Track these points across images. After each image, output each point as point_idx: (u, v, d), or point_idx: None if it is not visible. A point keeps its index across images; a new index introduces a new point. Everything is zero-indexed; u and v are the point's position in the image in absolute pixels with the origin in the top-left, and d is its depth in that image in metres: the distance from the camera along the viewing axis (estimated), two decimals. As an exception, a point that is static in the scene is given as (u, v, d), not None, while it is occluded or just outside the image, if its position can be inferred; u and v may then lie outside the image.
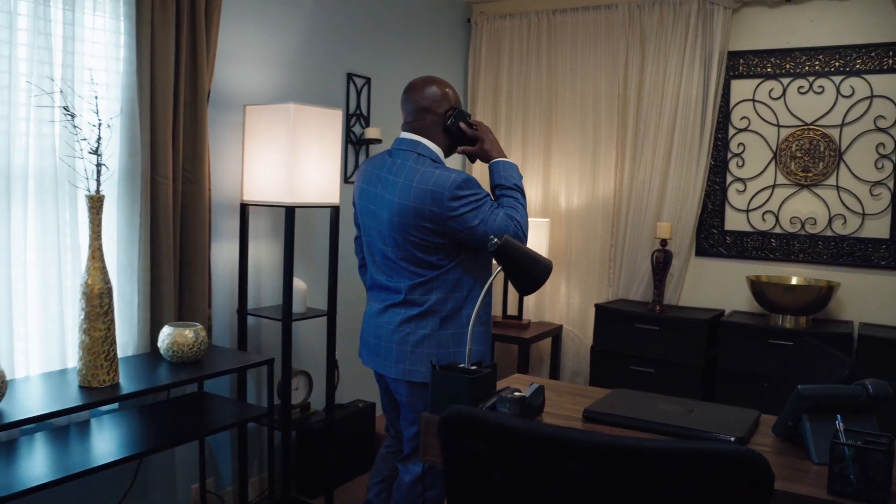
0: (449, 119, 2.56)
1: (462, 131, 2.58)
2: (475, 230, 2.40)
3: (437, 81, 2.59)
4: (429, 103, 2.55)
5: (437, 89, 2.56)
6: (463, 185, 2.38)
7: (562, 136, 4.86)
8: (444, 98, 2.56)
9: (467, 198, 2.39)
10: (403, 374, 2.53)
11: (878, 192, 4.15)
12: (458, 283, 2.51)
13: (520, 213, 2.50)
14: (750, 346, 4.02)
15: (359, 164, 4.19)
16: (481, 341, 2.63)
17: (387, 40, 4.35)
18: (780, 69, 4.33)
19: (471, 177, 2.45)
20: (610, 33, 4.67)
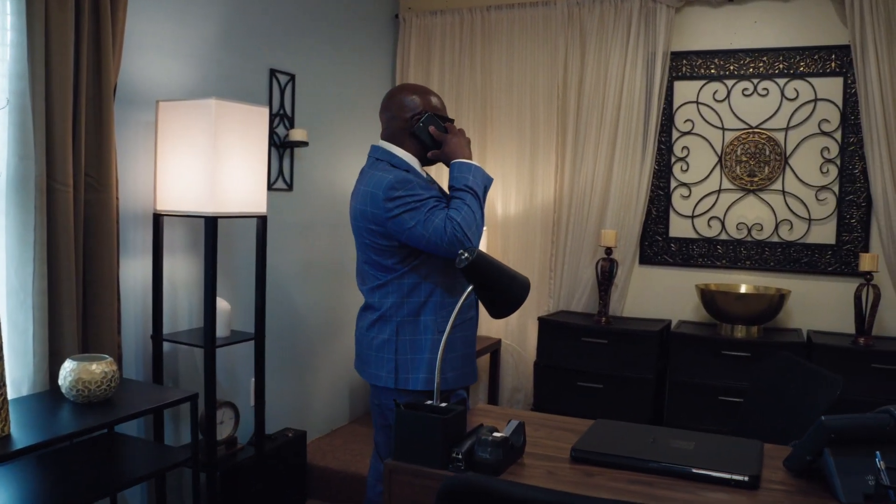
0: (416, 124, 2.46)
1: (431, 135, 2.47)
2: (413, 232, 2.31)
3: (407, 88, 2.57)
4: (395, 110, 2.51)
5: (403, 95, 2.52)
6: (397, 185, 2.31)
7: (497, 140, 4.61)
8: (410, 103, 2.50)
9: (402, 199, 2.31)
10: (369, 378, 2.52)
11: (823, 198, 4.06)
12: (414, 288, 2.42)
13: (462, 213, 2.31)
14: (702, 358, 3.86)
15: (283, 170, 3.82)
16: (457, 366, 2.47)
17: (312, 35, 4.00)
18: (723, 70, 4.20)
19: (407, 177, 2.33)
20: (548, 31, 4.46)
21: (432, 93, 2.55)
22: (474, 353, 2.56)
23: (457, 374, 2.45)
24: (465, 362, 2.48)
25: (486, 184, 2.45)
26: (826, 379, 2.40)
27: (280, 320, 3.81)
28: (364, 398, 4.67)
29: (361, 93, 4.49)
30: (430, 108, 2.50)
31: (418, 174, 2.46)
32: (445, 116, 2.54)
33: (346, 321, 4.42)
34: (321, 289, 4.18)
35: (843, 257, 4.05)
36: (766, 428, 2.51)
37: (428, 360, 2.40)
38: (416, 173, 2.44)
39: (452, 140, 2.46)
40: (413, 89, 2.54)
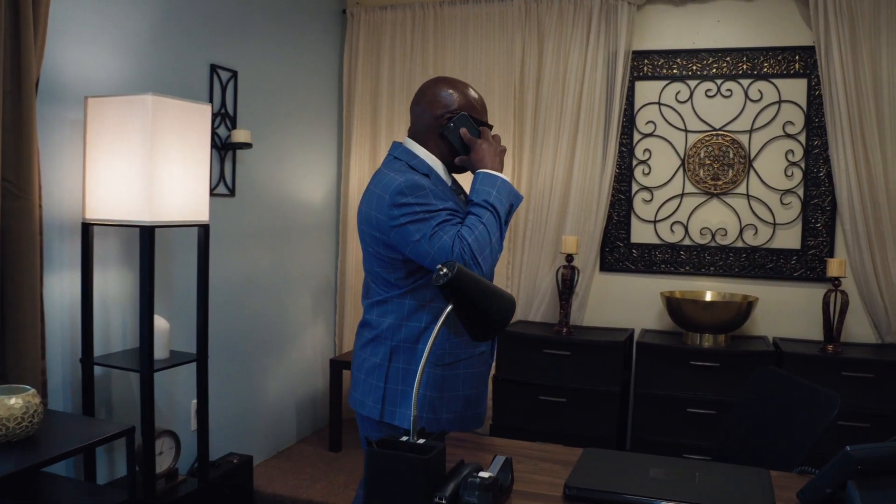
0: (446, 124, 2.13)
1: (461, 138, 2.14)
2: (417, 247, 1.99)
3: (443, 81, 2.22)
4: (426, 104, 2.17)
5: (439, 88, 2.18)
6: (406, 190, 1.98)
7: (451, 142, 4.40)
8: (444, 98, 2.15)
9: (410, 206, 1.98)
10: (353, 403, 2.21)
11: (788, 201, 3.98)
12: (415, 310, 2.09)
13: (475, 232, 1.97)
14: (669, 369, 3.73)
15: (224, 174, 3.55)
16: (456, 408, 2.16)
17: (255, 29, 3.75)
18: (686, 71, 4.09)
19: (420, 182, 2.00)
20: (504, 28, 4.28)
21: (473, 90, 2.21)
22: (483, 395, 2.22)
23: (453, 417, 2.13)
24: (466, 405, 2.16)
25: (514, 202, 2.11)
26: (821, 396, 2.26)
27: (221, 337, 3.54)
28: (312, 415, 4.41)
29: (308, 91, 4.24)
30: (467, 106, 2.15)
31: (440, 180, 2.13)
32: (483, 120, 2.20)
33: (292, 335, 4.17)
34: (265, 302, 3.92)
35: (808, 262, 3.97)
36: (755, 451, 2.37)
37: (429, 397, 2.10)
38: (437, 179, 2.12)
39: (482, 146, 2.11)
40: (450, 83, 2.20)
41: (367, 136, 4.54)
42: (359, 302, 4.58)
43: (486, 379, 2.23)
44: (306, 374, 4.36)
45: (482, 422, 2.24)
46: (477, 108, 2.15)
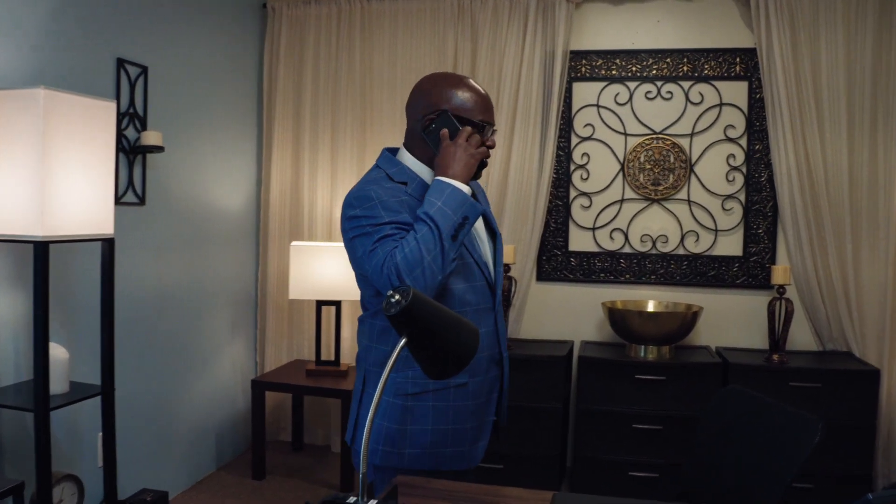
0: (428, 125, 1.88)
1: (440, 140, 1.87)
2: (362, 264, 1.80)
3: (431, 77, 1.95)
4: (412, 105, 1.94)
5: (423, 85, 1.94)
6: (355, 202, 1.80)
7: (379, 144, 4.15)
8: (425, 97, 1.90)
9: (358, 220, 1.78)
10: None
11: (730, 207, 3.88)
12: (384, 332, 1.87)
13: (405, 250, 1.71)
14: (613, 384, 3.56)
15: (133, 180, 3.19)
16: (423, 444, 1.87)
17: (168, 21, 3.42)
18: (625, 72, 3.93)
19: (369, 192, 1.79)
20: (436, 25, 4.04)
21: (467, 86, 1.90)
22: (471, 432, 1.92)
23: (421, 454, 1.86)
24: (437, 440, 1.87)
25: (469, 214, 1.78)
26: (799, 420, 2.08)
27: (130, 362, 3.19)
28: (233, 439, 4.07)
29: (225, 90, 3.91)
30: (451, 105, 1.87)
31: (422, 188, 1.88)
32: (477, 121, 1.87)
33: (209, 355, 3.84)
34: (179, 321, 3.57)
35: (750, 269, 3.87)
36: (728, 485, 2.18)
37: (386, 428, 1.85)
38: (418, 187, 1.87)
39: (446, 149, 1.83)
40: (436, 80, 1.93)
41: (289, 139, 4.23)
42: (281, 317, 4.27)
43: (473, 414, 1.92)
44: (226, 396, 4.02)
45: (474, 461, 1.95)
46: (470, 107, 1.86)
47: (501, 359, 1.99)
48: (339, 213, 4.15)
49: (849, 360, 3.63)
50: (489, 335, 1.93)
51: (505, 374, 2.02)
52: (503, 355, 2.00)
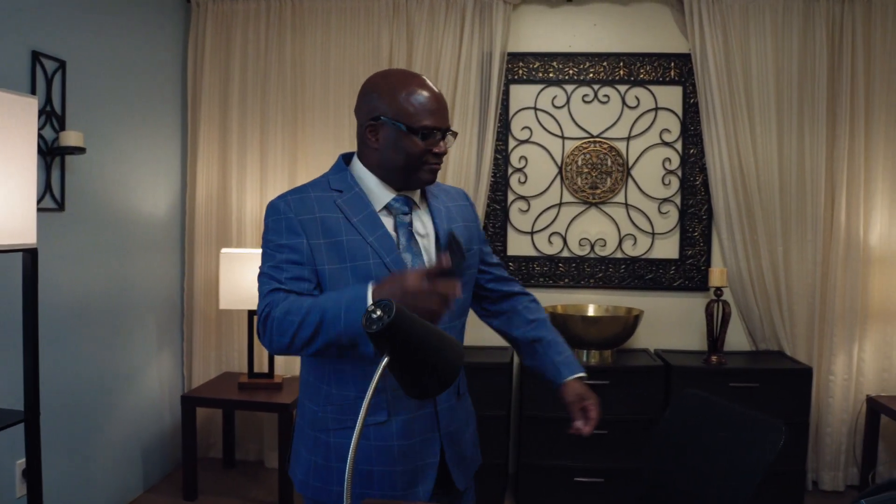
0: (367, 131, 1.74)
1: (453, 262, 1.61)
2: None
3: (373, 78, 1.78)
4: (356, 107, 1.80)
5: (363, 86, 1.79)
6: (268, 209, 1.74)
7: (311, 146, 4.02)
8: (367, 103, 1.74)
9: (266, 230, 1.73)
10: None
11: (666, 210, 3.92)
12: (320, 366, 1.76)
13: (287, 314, 1.56)
14: (558, 390, 3.51)
15: (51, 184, 2.96)
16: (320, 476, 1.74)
17: (87, 12, 3.20)
18: (563, 75, 3.93)
19: (278, 205, 1.71)
20: (370, 24, 3.94)
21: (412, 86, 1.70)
22: (390, 476, 1.71)
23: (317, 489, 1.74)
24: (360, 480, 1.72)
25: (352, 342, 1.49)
26: (761, 424, 2.08)
27: (49, 382, 2.95)
28: (161, 459, 3.85)
29: (148, 88, 3.71)
30: (395, 108, 1.68)
31: (358, 198, 1.72)
32: (415, 126, 1.68)
33: (134, 370, 3.62)
34: (101, 335, 3.36)
35: (686, 272, 3.92)
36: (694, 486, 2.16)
37: (314, 463, 1.74)
38: (354, 197, 1.72)
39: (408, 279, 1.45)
40: (378, 79, 1.75)
41: (215, 140, 4.04)
42: (209, 328, 4.07)
43: (404, 456, 1.72)
44: (152, 413, 3.80)
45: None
46: (410, 113, 1.68)
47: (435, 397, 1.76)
48: (269, 219, 4.01)
49: (781, 359, 3.71)
50: None
51: (440, 411, 1.77)
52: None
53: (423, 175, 1.74)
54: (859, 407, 3.81)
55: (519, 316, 2.01)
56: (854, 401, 3.81)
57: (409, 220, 1.77)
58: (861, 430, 3.80)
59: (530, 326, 1.98)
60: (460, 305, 1.83)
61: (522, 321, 2.00)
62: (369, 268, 1.66)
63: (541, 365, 1.97)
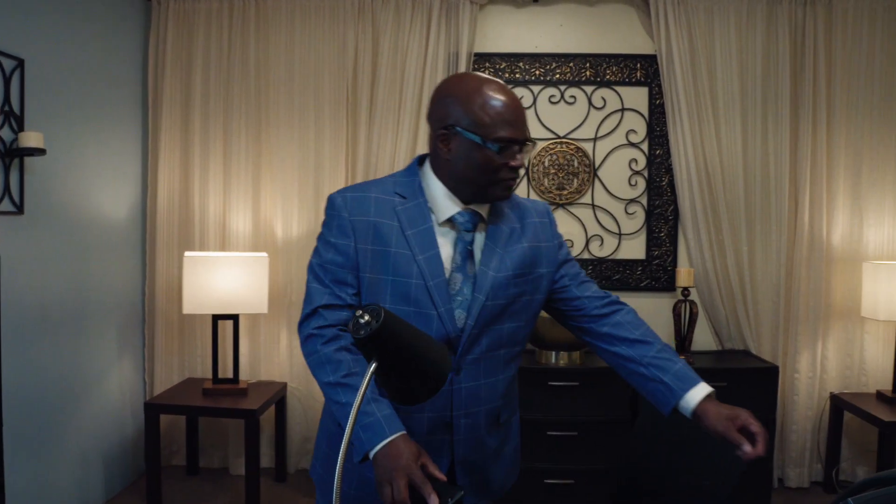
0: (438, 140, 1.65)
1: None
2: None
3: (446, 82, 1.69)
4: (428, 114, 1.71)
5: (434, 93, 1.69)
6: (327, 201, 1.71)
7: (275, 148, 3.98)
8: (441, 109, 1.64)
9: (323, 224, 1.72)
10: None
11: (633, 211, 3.95)
12: None
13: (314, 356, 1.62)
14: (526, 391, 3.49)
15: (9, 187, 2.88)
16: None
17: (47, 9, 3.12)
18: (529, 75, 3.94)
19: (335, 202, 1.68)
20: (335, 25, 3.92)
21: (486, 93, 1.59)
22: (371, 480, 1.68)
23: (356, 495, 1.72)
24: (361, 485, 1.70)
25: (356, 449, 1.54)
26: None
27: (9, 390, 2.86)
28: (122, 468, 3.77)
29: (109, 88, 3.65)
30: (469, 118, 1.58)
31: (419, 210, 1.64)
32: (506, 138, 1.57)
33: (95, 376, 3.55)
34: (62, 339, 3.28)
35: (653, 272, 3.96)
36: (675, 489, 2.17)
37: (324, 452, 1.76)
38: (414, 207, 1.64)
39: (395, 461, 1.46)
40: (451, 85, 1.64)
41: (177, 141, 3.97)
42: (171, 333, 4.00)
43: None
44: (114, 420, 3.73)
45: None
46: (486, 123, 1.57)
47: (451, 425, 1.69)
48: (232, 221, 3.96)
49: (748, 358, 3.77)
50: (439, 396, 1.65)
51: (457, 440, 1.70)
52: (457, 422, 1.69)
53: (496, 191, 1.64)
54: (823, 404, 3.88)
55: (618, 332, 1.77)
56: (818, 398, 3.89)
57: (470, 238, 1.67)
58: (825, 427, 3.88)
59: (628, 344, 1.76)
60: (507, 335, 1.72)
61: (620, 340, 1.76)
62: (409, 287, 1.61)
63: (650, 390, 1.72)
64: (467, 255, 1.66)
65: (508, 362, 1.77)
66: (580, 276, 1.85)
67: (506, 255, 1.68)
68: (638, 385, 1.75)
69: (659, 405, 1.71)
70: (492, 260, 1.67)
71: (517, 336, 1.76)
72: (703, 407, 1.63)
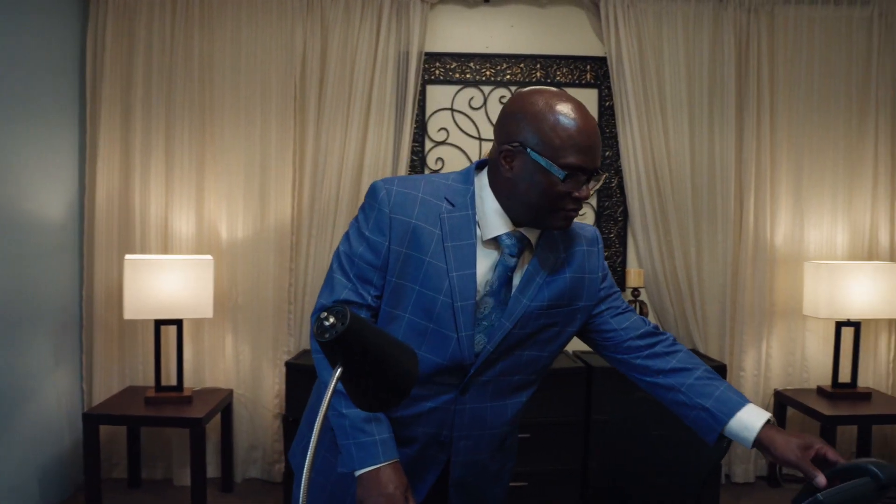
0: (502, 156, 1.52)
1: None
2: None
3: (520, 95, 1.56)
4: (496, 124, 1.59)
5: (508, 104, 1.57)
6: (369, 189, 1.60)
7: (220, 147, 3.89)
8: (509, 125, 1.52)
9: (359, 212, 1.63)
10: None
11: (582, 212, 4.01)
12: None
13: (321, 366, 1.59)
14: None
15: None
16: None
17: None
18: (480, 76, 3.95)
19: (378, 188, 1.57)
20: (282, 20, 3.86)
21: (559, 112, 1.47)
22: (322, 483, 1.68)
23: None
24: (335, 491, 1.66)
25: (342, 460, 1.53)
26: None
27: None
28: (59, 482, 3.61)
29: (43, 84, 3.49)
30: (538, 138, 1.46)
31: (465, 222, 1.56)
32: (575, 166, 1.46)
33: (30, 385, 3.40)
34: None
35: (603, 274, 3.98)
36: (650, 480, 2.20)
37: (308, 441, 1.68)
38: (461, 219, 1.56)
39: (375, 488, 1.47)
40: (530, 97, 1.52)
41: (117, 139, 3.84)
42: (111, 339, 3.86)
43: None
44: (50, 432, 3.57)
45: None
46: (556, 146, 1.45)
47: (451, 443, 1.62)
48: (175, 222, 3.85)
49: (696, 357, 3.84)
50: (440, 413, 1.60)
51: (455, 462, 1.64)
52: (457, 444, 1.62)
53: (555, 220, 1.52)
54: (768, 401, 4.00)
55: (653, 363, 1.69)
56: (763, 395, 4.01)
57: (514, 263, 1.57)
58: (769, 423, 3.98)
59: (665, 375, 1.67)
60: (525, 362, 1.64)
61: (656, 371, 1.68)
62: (435, 303, 1.53)
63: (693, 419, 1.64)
64: (505, 281, 1.57)
65: (520, 389, 1.69)
66: (620, 307, 1.75)
67: (545, 286, 1.59)
68: (682, 415, 1.67)
69: (703, 433, 1.63)
70: (529, 288, 1.58)
71: (536, 365, 1.68)
72: (768, 436, 1.52)
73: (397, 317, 1.55)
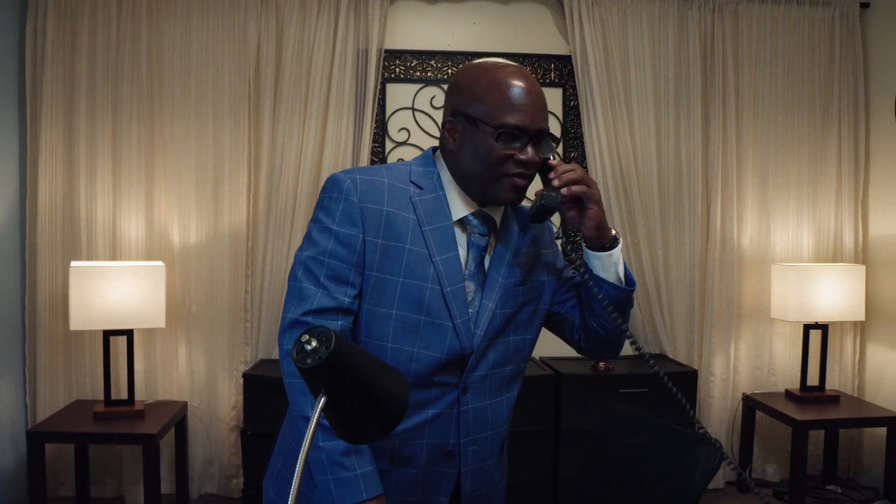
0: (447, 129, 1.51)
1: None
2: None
3: (463, 68, 1.55)
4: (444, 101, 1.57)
5: (461, 74, 1.53)
6: (327, 183, 1.49)
7: (170, 149, 3.74)
8: (451, 93, 1.52)
9: (318, 208, 1.49)
10: None
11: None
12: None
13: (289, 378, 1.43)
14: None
15: None
16: None
17: None
18: (441, 74, 3.88)
19: (339, 179, 1.46)
20: (235, 16, 3.73)
21: (502, 74, 1.44)
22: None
23: None
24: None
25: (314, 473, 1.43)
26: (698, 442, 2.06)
27: None
28: (1, 498, 3.45)
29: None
30: (473, 103, 1.43)
31: (437, 204, 1.49)
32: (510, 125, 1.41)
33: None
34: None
35: (569, 277, 3.93)
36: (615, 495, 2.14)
37: (279, 472, 1.61)
38: (433, 201, 1.49)
39: None
40: (468, 68, 1.51)
41: (60, 140, 3.66)
42: (56, 350, 3.69)
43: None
44: (-11, 451, 3.38)
45: None
46: (488, 107, 1.42)
47: (459, 452, 1.54)
48: (123, 227, 3.69)
49: (665, 362, 3.81)
50: (444, 419, 1.51)
51: (464, 472, 1.55)
52: (465, 450, 1.54)
53: (503, 191, 1.45)
54: (736, 405, 3.98)
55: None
56: (731, 399, 3.99)
57: (485, 242, 1.52)
58: (738, 427, 3.97)
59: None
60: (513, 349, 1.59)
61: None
62: (424, 292, 1.45)
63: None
64: (480, 262, 1.52)
65: (511, 381, 1.63)
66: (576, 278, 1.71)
67: (514, 262, 1.55)
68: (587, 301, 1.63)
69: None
70: (501, 266, 1.54)
71: (522, 350, 1.63)
72: None
73: (383, 315, 1.45)
